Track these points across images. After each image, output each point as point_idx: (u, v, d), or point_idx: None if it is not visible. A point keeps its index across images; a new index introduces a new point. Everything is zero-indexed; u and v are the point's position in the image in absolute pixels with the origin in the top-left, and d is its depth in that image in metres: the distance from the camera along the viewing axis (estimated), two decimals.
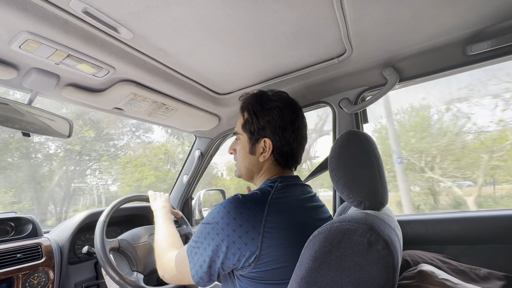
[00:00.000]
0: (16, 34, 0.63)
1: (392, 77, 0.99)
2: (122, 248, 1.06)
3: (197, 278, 0.63)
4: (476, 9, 0.74)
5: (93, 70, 0.81)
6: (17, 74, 0.78)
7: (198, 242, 0.64)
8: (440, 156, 4.41)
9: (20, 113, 0.86)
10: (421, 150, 4.56)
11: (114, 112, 1.10)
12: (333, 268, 0.47)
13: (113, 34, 0.71)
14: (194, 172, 1.58)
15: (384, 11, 0.71)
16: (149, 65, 0.87)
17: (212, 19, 0.69)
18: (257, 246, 0.59)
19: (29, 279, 0.93)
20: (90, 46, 0.71)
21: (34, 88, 0.83)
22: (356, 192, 0.61)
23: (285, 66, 0.98)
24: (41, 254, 0.99)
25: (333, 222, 0.51)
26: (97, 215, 1.10)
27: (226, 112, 1.31)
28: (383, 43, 0.87)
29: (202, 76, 1.01)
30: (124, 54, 0.79)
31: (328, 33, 0.80)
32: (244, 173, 0.81)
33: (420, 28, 0.81)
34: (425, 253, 0.83)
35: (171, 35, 0.74)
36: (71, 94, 0.91)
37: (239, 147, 0.82)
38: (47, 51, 0.69)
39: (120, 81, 0.92)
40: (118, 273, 0.94)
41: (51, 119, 0.94)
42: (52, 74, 0.81)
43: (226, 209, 0.62)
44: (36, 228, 1.06)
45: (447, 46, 0.90)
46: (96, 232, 0.99)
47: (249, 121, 0.77)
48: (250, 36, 0.77)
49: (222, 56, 0.87)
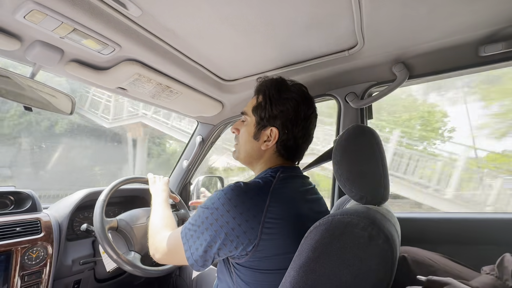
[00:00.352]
0: (21, 3, 0.61)
1: (402, 74, 0.98)
2: (120, 228, 1.07)
3: (192, 260, 0.63)
4: (494, 9, 0.72)
5: (98, 46, 0.79)
6: (21, 45, 0.75)
7: (195, 225, 0.64)
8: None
9: (22, 86, 0.84)
10: None
11: (117, 92, 1.08)
12: (332, 258, 0.48)
13: (121, 10, 0.69)
14: (194, 158, 1.58)
15: (401, 4, 0.69)
16: (156, 45, 0.85)
17: (223, 1, 0.67)
18: (256, 236, 0.58)
19: (27, 252, 0.94)
20: (97, 22, 0.69)
21: (37, 61, 0.81)
22: (358, 186, 0.61)
23: (294, 55, 0.96)
24: (40, 229, 1.00)
25: (335, 215, 0.52)
26: (96, 194, 1.11)
27: (230, 99, 1.30)
28: (396, 38, 0.85)
29: (208, 61, 0.99)
30: (131, 32, 0.77)
31: (341, 24, 0.78)
32: (243, 157, 0.80)
33: (435, 25, 0.79)
34: (423, 251, 0.85)
35: (180, 15, 0.72)
36: (74, 70, 0.89)
37: (244, 129, 0.79)
38: (52, 23, 0.67)
39: (125, 60, 0.90)
40: (116, 252, 0.96)
41: (53, 95, 0.92)
42: (56, 48, 0.79)
43: (228, 196, 0.61)
44: (35, 203, 1.07)
45: (460, 45, 0.88)
46: (96, 211, 1.00)
47: (262, 105, 0.74)
48: (261, 21, 0.75)
49: (231, 40, 0.85)
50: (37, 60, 0.81)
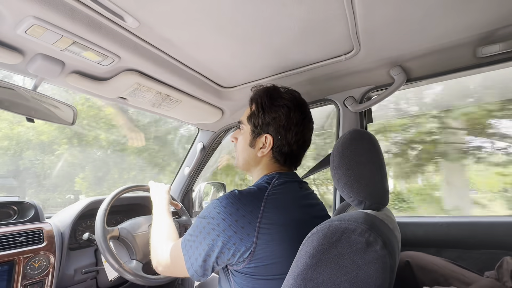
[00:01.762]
0: (22, 18, 0.63)
1: (400, 77, 0.98)
2: (122, 237, 1.07)
3: (192, 271, 0.63)
4: (490, 10, 0.72)
5: (98, 58, 0.80)
6: (23, 59, 0.78)
7: (193, 236, 0.64)
8: None
9: (25, 98, 0.86)
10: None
11: (118, 102, 1.10)
12: (330, 266, 0.47)
13: (119, 22, 0.71)
14: (195, 165, 1.58)
15: (395, 8, 0.70)
16: (154, 55, 0.87)
17: (219, 11, 0.68)
18: (252, 242, 0.59)
19: (30, 262, 0.94)
20: (95, 34, 0.71)
21: (39, 74, 0.83)
22: (357, 191, 0.60)
23: (291, 61, 0.97)
24: (42, 238, 1.01)
25: (332, 220, 0.51)
26: (98, 203, 1.11)
27: (230, 106, 1.31)
28: (392, 42, 0.86)
29: (207, 69, 1.01)
30: (130, 43, 0.79)
31: (336, 29, 0.78)
32: (242, 164, 0.81)
33: (430, 28, 0.79)
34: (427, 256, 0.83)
35: (177, 25, 0.74)
36: (76, 82, 0.91)
37: (241, 137, 0.82)
38: (52, 37, 0.69)
39: (124, 71, 0.91)
40: (118, 261, 0.96)
41: (55, 105, 0.94)
42: (57, 61, 0.81)
43: (223, 205, 0.62)
44: (38, 213, 1.08)
45: (457, 47, 0.88)
46: (97, 220, 1.00)
47: (255, 114, 0.76)
48: (257, 29, 0.76)
49: (228, 49, 0.86)
50: (39, 73, 0.83)
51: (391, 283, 0.47)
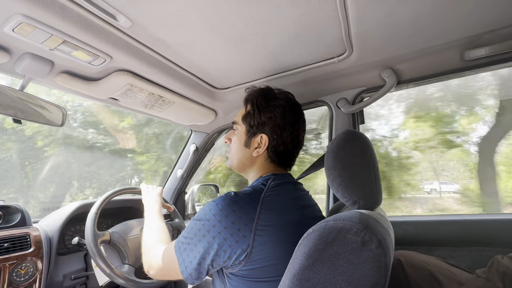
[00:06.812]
0: (9, 16, 0.61)
1: (390, 79, 1.00)
2: (113, 241, 1.04)
3: (186, 274, 0.62)
4: (476, 15, 0.75)
5: (89, 58, 0.79)
6: (10, 58, 0.75)
7: (187, 238, 0.63)
8: None
9: (11, 99, 0.83)
10: None
11: (109, 102, 1.08)
12: (326, 266, 0.47)
13: (111, 21, 0.69)
14: (188, 167, 1.56)
15: (387, 12, 0.71)
16: (147, 55, 0.86)
17: (213, 12, 0.68)
18: (249, 244, 0.58)
19: (16, 269, 0.91)
20: (87, 33, 0.70)
21: (27, 73, 0.81)
22: (351, 191, 0.61)
23: (285, 63, 0.97)
24: (29, 243, 0.97)
25: (327, 220, 0.52)
26: (88, 206, 1.08)
27: (223, 107, 1.30)
28: (383, 45, 0.88)
29: (200, 70, 1.00)
30: (122, 43, 0.78)
31: (329, 32, 0.79)
32: (236, 165, 0.81)
33: (420, 31, 0.81)
34: (418, 255, 0.85)
35: (171, 25, 0.73)
36: (65, 82, 0.88)
37: (235, 138, 0.81)
38: (41, 36, 0.67)
39: (116, 71, 0.90)
40: (109, 266, 0.93)
41: (44, 106, 0.91)
42: (46, 60, 0.79)
43: (219, 207, 0.61)
44: (24, 217, 1.04)
45: (445, 50, 0.90)
46: (87, 224, 0.98)
47: (251, 113, 0.77)
48: (251, 31, 0.77)
49: (222, 50, 0.86)
50: (26, 73, 0.80)
51: (386, 281, 0.47)
